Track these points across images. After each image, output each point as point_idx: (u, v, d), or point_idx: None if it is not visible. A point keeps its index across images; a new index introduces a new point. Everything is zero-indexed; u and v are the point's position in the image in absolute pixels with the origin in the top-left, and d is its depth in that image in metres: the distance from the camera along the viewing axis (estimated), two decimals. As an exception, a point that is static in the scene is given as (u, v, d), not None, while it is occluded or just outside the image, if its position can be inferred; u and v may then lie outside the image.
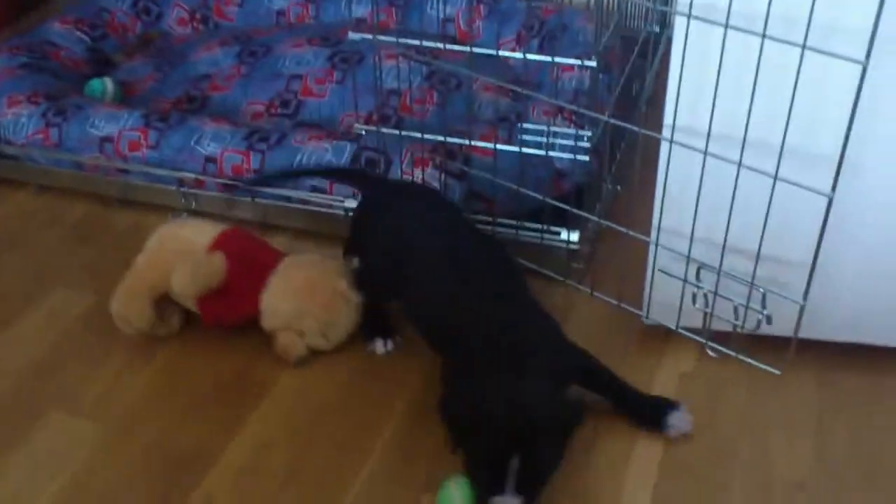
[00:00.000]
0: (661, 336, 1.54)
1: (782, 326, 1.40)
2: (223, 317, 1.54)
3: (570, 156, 1.62)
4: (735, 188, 1.31)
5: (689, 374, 1.49)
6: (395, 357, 1.54)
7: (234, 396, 1.49)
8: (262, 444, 1.41)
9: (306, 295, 1.51)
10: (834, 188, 1.22)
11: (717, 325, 1.46)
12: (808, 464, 1.34)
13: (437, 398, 1.29)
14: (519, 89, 1.68)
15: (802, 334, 1.38)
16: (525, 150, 1.62)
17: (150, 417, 1.46)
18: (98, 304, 1.62)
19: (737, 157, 1.27)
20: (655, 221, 1.41)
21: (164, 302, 1.55)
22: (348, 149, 1.78)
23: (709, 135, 1.28)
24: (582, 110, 1.52)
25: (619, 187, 1.78)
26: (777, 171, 1.26)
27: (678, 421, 1.38)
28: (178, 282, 1.49)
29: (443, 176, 1.71)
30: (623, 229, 1.45)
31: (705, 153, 1.30)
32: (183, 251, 1.53)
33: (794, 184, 1.23)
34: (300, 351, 1.52)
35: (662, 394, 1.44)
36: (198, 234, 1.57)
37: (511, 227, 1.69)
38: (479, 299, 1.37)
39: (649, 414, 1.39)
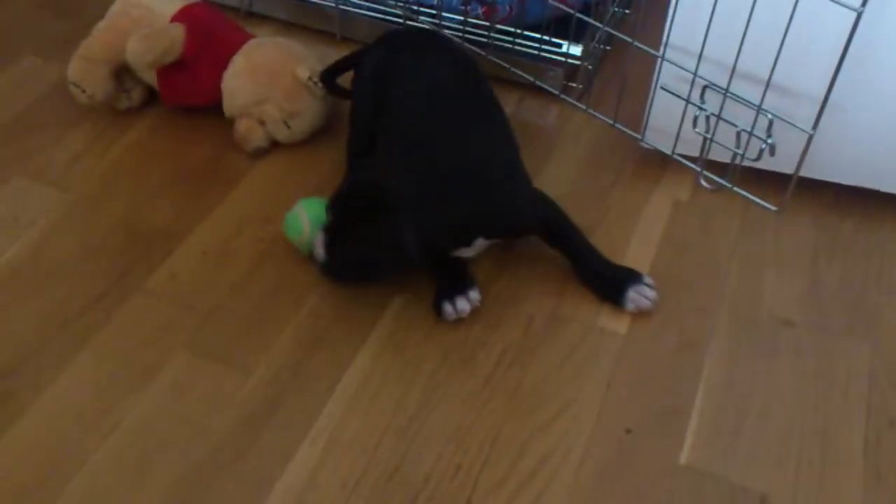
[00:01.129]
0: (659, 162, 1.46)
1: (783, 162, 1.32)
2: (182, 97, 1.44)
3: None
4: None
5: (683, 203, 1.41)
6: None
7: (206, 181, 1.40)
8: (231, 230, 1.33)
9: (267, 78, 1.40)
10: (864, 2, 1.11)
11: (716, 156, 1.37)
12: (797, 302, 1.29)
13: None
14: None
15: (802, 173, 1.30)
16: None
17: (117, 193, 1.37)
18: (69, 76, 1.51)
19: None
20: (664, 36, 1.31)
21: (125, 74, 1.45)
22: (346, -63, 1.65)
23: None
24: None
25: (626, 11, 1.66)
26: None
27: (638, 295, 1.25)
28: (133, 49, 1.38)
29: (444, -25, 1.59)
30: (628, 39, 1.35)
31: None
32: (144, 19, 1.42)
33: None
34: (259, 141, 1.43)
35: (654, 222, 1.37)
36: (162, 3, 1.45)
37: (509, 35, 1.57)
38: (455, 136, 1.24)
39: (609, 285, 1.27)
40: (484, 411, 1.14)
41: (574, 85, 1.56)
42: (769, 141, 1.29)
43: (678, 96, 1.33)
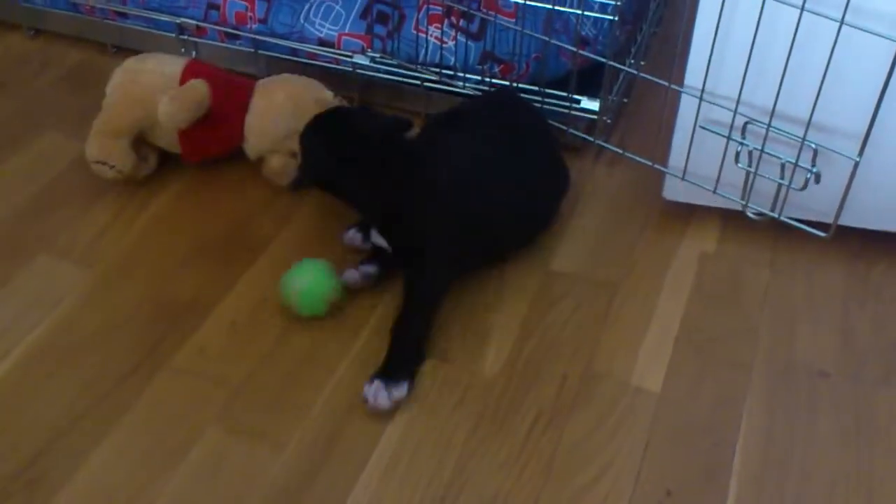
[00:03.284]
0: (683, 213, 1.43)
1: (818, 204, 1.29)
2: (206, 148, 1.45)
3: (600, 16, 1.49)
4: (794, 37, 1.17)
5: (710, 254, 1.39)
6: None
7: (231, 249, 1.38)
8: (258, 299, 1.31)
9: (292, 109, 1.41)
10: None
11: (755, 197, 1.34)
12: (831, 352, 1.25)
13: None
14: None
15: (828, 220, 1.28)
16: (552, 6, 1.49)
17: (142, 266, 1.36)
18: (90, 150, 1.50)
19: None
20: (685, 74, 1.28)
21: (139, 142, 1.45)
22: (359, 2, 1.64)
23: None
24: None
25: (642, 62, 1.65)
26: (844, 16, 1.13)
27: (375, 392, 1.16)
28: (167, 112, 1.38)
29: (457, 35, 1.58)
30: (664, 83, 1.31)
31: None
32: (156, 84, 1.42)
33: (862, 29, 1.10)
34: (294, 172, 1.43)
35: (682, 274, 1.35)
36: (164, 65, 1.45)
37: (534, 93, 1.56)
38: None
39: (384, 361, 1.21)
40: (522, 477, 1.10)
41: (595, 139, 1.55)
42: (814, 170, 1.26)
43: (720, 134, 1.30)
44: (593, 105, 1.53)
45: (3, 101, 1.66)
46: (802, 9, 1.15)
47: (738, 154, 1.31)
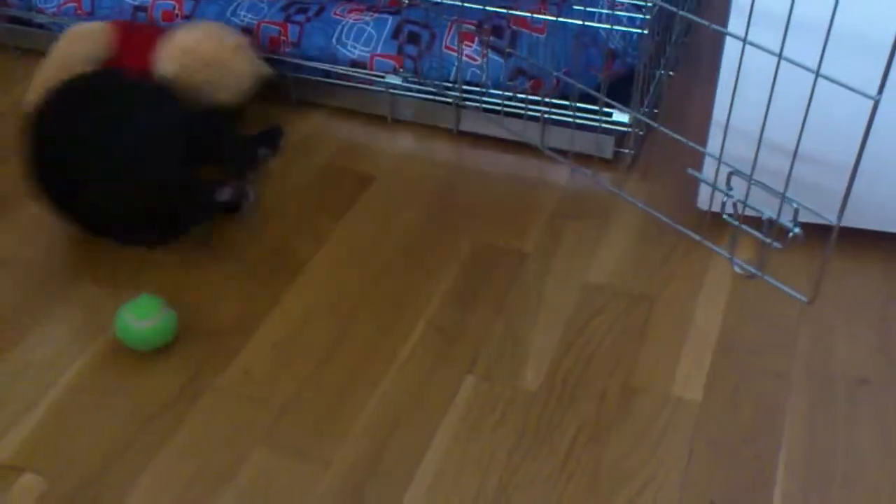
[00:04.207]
0: (718, 223, 1.41)
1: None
2: None
3: (631, 29, 1.47)
4: (774, 83, 1.16)
5: (746, 262, 1.37)
6: (431, 240, 1.43)
7: (270, 272, 1.38)
8: (301, 320, 1.31)
9: (193, 52, 1.51)
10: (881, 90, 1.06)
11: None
12: (871, 359, 1.23)
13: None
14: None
15: (868, 226, 1.26)
16: (583, 22, 1.48)
17: (184, 290, 1.36)
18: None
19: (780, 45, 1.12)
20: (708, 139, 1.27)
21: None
22: (390, 22, 1.64)
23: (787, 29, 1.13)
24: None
25: (671, 73, 1.64)
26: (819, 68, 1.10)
27: None
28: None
29: (487, 52, 1.58)
30: (658, 126, 1.31)
31: (742, 40, 1.16)
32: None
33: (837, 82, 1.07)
34: None
35: (717, 286, 1.34)
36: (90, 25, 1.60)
37: (562, 108, 1.55)
38: None
39: None
40: (565, 493, 1.09)
41: (625, 151, 1.54)
42: (796, 230, 1.22)
43: (705, 181, 1.28)
44: (624, 117, 1.52)
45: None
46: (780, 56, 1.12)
47: (723, 204, 1.28)
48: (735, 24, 1.18)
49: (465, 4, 1.55)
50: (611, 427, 1.16)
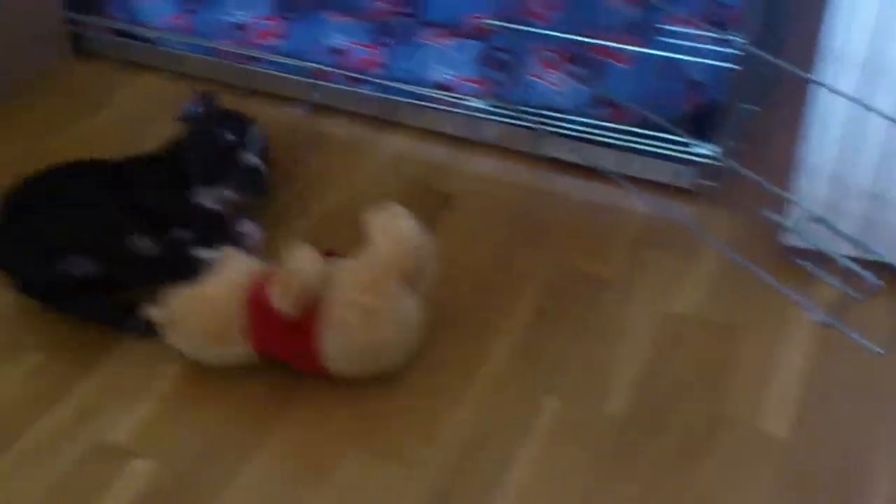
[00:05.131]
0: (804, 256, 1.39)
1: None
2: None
3: (717, 63, 1.46)
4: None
5: (831, 300, 1.33)
6: (512, 261, 1.43)
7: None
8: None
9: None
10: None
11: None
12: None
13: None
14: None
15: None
16: (668, 54, 1.48)
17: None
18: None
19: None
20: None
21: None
22: (476, 48, 1.66)
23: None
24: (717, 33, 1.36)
25: (756, 108, 1.62)
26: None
27: None
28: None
29: (569, 79, 1.58)
30: (745, 172, 1.29)
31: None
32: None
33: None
34: None
35: (803, 321, 1.32)
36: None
37: (643, 136, 1.54)
38: None
39: None
40: (647, 519, 1.09)
41: (708, 183, 1.53)
42: (877, 282, 1.18)
43: (784, 225, 1.25)
44: (706, 150, 1.51)
45: (150, 140, 1.70)
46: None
47: (803, 250, 1.26)
48: (823, 69, 1.17)
49: (551, 33, 1.56)
50: (694, 457, 1.15)
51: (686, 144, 1.52)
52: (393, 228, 1.23)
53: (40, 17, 1.85)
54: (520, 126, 1.63)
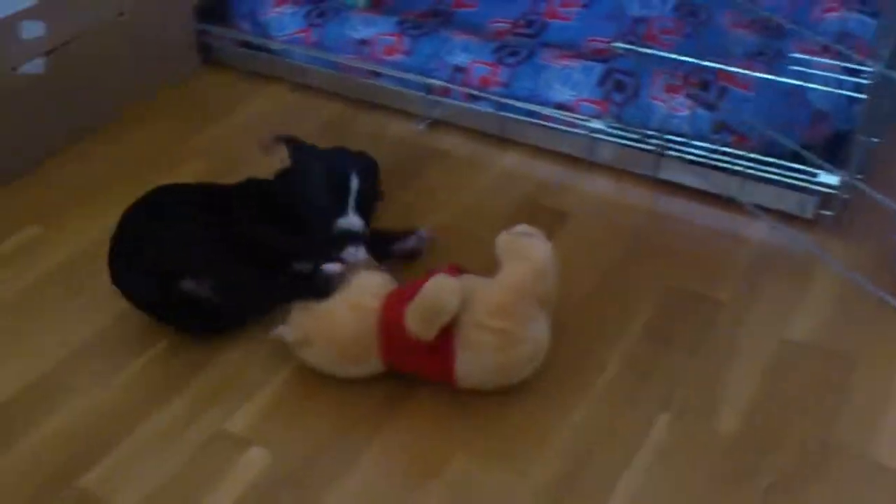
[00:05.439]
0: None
1: None
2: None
3: (849, 93, 1.45)
4: None
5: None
6: (626, 279, 1.44)
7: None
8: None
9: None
10: None
11: None
12: None
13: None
14: (784, 22, 1.52)
15: None
16: (794, 81, 1.47)
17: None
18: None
19: None
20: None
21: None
22: (597, 70, 1.67)
23: None
24: (850, 53, 1.35)
25: (876, 139, 1.60)
26: None
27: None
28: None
29: (693, 105, 1.58)
30: (881, 199, 1.27)
31: None
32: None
33: None
34: None
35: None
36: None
37: (765, 164, 1.53)
38: None
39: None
40: (759, 539, 1.07)
41: (828, 213, 1.51)
42: None
43: None
44: (831, 179, 1.49)
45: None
46: None
47: None
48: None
49: (676, 56, 1.57)
50: (807, 482, 1.13)
51: (812, 174, 1.50)
52: (529, 250, 1.24)
53: (174, 29, 1.93)
54: (637, 148, 1.64)
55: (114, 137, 1.78)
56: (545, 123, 1.71)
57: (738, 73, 1.56)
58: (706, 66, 1.58)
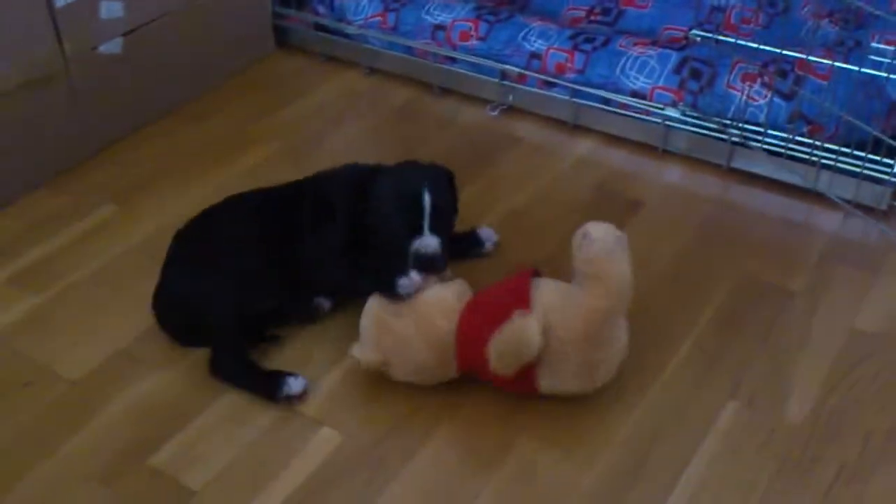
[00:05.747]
0: None
1: None
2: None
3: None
4: None
5: None
6: (697, 266, 1.45)
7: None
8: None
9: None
10: None
11: None
12: None
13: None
14: (867, 7, 1.51)
15: None
16: (873, 72, 1.46)
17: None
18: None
19: None
20: None
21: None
22: (673, 58, 1.68)
23: None
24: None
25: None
26: None
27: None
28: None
29: (769, 94, 1.59)
30: None
31: None
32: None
33: None
34: None
35: None
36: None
37: (842, 154, 1.53)
38: None
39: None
40: (825, 527, 1.09)
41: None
42: None
43: None
44: (906, 170, 1.48)
45: (339, 135, 1.80)
46: None
47: None
48: None
49: (754, 45, 1.57)
50: (875, 468, 1.14)
51: (889, 165, 1.49)
52: (608, 270, 1.19)
53: (250, 12, 1.98)
54: (712, 137, 1.65)
55: (190, 119, 1.83)
56: (619, 111, 1.72)
57: (816, 62, 1.55)
58: (785, 56, 1.58)
